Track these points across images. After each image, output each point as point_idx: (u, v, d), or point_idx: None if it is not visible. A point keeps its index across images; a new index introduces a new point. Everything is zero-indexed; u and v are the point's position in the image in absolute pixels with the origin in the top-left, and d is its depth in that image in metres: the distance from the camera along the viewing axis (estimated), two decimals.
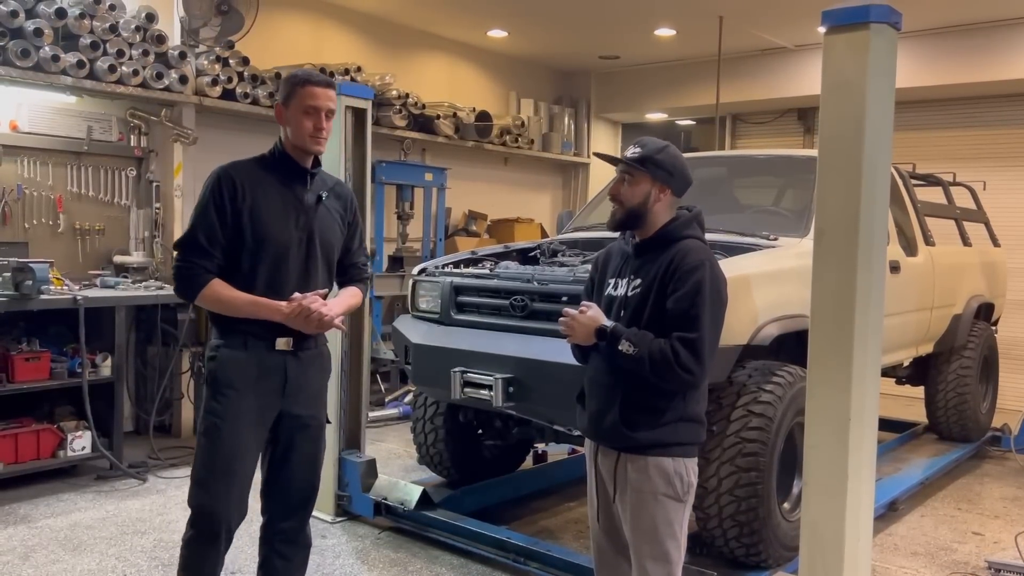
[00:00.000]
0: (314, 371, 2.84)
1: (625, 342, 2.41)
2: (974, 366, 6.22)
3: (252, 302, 2.65)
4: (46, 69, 5.34)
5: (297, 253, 2.73)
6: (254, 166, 2.78)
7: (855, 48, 2.63)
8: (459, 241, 8.38)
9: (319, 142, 2.74)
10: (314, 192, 2.80)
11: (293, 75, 2.77)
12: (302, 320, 2.65)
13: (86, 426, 5.12)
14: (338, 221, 2.88)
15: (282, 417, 2.77)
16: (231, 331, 2.71)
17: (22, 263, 4.86)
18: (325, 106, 2.71)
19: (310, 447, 2.85)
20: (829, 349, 2.71)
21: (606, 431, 2.54)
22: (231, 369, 2.69)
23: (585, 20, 8.08)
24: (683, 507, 2.52)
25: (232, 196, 2.66)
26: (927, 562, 4.30)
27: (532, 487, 5.15)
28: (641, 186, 2.53)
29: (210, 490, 2.69)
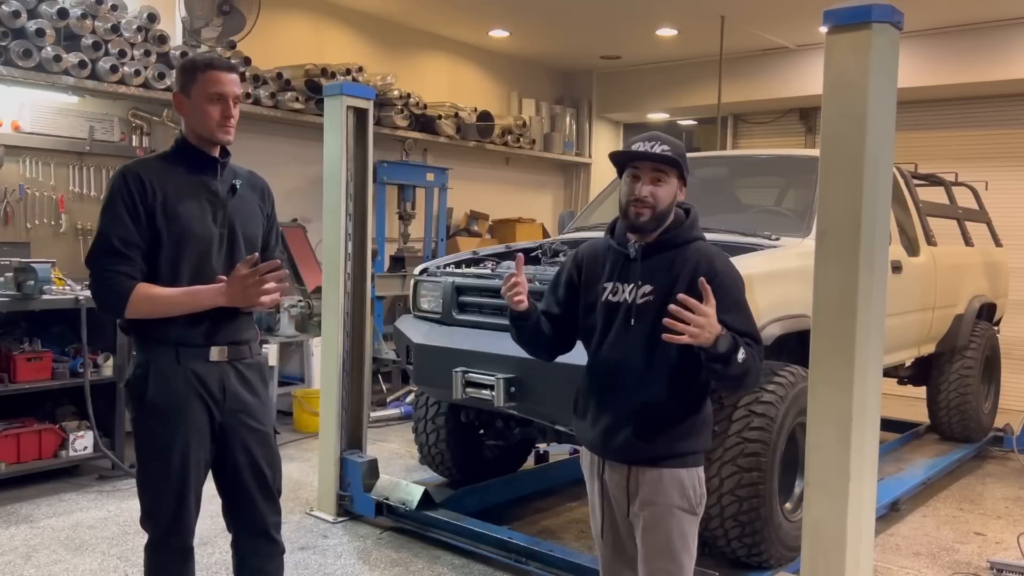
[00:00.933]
0: (253, 382, 2.62)
1: (742, 351, 2.23)
2: (976, 366, 6.21)
3: (188, 292, 2.43)
4: (48, 69, 5.34)
5: (220, 249, 2.52)
6: (158, 161, 2.57)
7: (857, 48, 2.63)
8: (461, 241, 8.38)
9: (228, 131, 2.51)
10: (225, 182, 2.58)
11: (191, 60, 2.54)
12: (241, 291, 2.43)
13: (88, 426, 5.12)
14: (258, 212, 2.67)
15: (225, 429, 2.56)
16: (159, 343, 2.47)
17: (24, 263, 4.87)
18: (232, 92, 2.49)
19: (261, 458, 2.63)
20: (831, 349, 2.71)
21: (619, 446, 2.39)
22: (165, 386, 2.46)
23: (586, 20, 8.08)
24: (696, 519, 2.43)
25: (142, 194, 2.42)
26: (929, 562, 4.30)
27: (534, 487, 5.15)
28: (672, 186, 2.38)
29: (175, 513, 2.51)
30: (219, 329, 2.53)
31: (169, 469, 2.48)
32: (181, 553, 2.60)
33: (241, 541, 2.72)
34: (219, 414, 2.55)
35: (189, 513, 2.55)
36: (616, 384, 2.41)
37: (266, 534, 2.70)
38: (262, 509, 2.67)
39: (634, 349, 2.37)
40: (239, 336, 2.58)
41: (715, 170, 5.36)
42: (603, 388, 2.45)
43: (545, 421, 4.14)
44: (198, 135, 2.53)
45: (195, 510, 2.58)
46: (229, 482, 2.64)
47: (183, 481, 2.50)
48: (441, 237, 8.17)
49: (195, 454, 2.51)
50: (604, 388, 2.44)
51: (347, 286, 4.57)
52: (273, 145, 6.96)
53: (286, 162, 7.13)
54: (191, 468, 2.51)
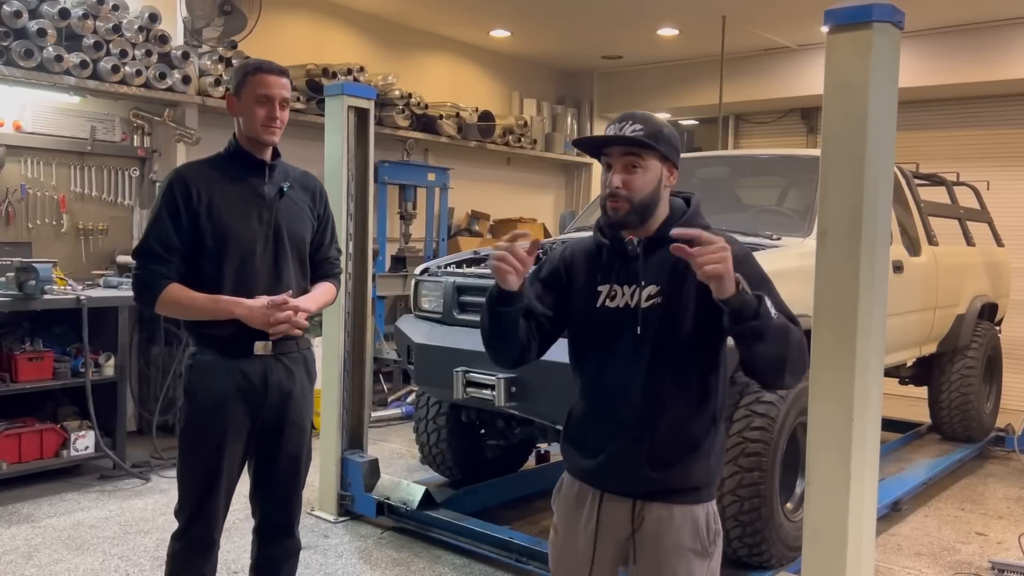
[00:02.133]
0: (297, 375, 2.71)
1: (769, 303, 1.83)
2: (978, 366, 6.21)
3: (211, 300, 2.53)
4: (49, 69, 5.35)
5: (264, 250, 2.61)
6: (207, 165, 2.67)
7: (858, 47, 2.63)
8: (462, 241, 8.38)
9: (273, 132, 2.61)
10: (274, 184, 2.67)
11: (244, 63, 2.65)
12: (260, 316, 2.52)
13: (89, 426, 5.12)
14: (307, 213, 2.75)
15: (266, 422, 2.67)
16: (206, 337, 2.60)
17: (25, 263, 4.87)
18: (279, 94, 2.59)
19: (294, 451, 2.74)
20: (832, 349, 2.70)
21: (625, 476, 2.03)
22: (210, 377, 2.59)
23: (588, 20, 8.08)
24: (707, 564, 2.05)
25: (187, 199, 2.54)
26: (930, 562, 4.29)
27: (535, 487, 5.14)
28: (652, 171, 1.99)
29: (201, 503, 2.62)
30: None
31: (201, 460, 2.60)
32: (203, 545, 2.67)
33: (263, 529, 2.82)
34: (261, 408, 2.64)
35: (216, 507, 2.63)
36: (624, 406, 2.03)
37: (288, 527, 2.81)
38: (290, 502, 2.80)
39: (643, 363, 2.00)
40: None
41: (716, 170, 5.35)
42: (606, 413, 2.07)
43: (546, 421, 4.14)
44: (247, 135, 2.64)
45: (223, 506, 2.67)
46: (262, 472, 2.74)
47: (215, 474, 2.60)
48: (442, 237, 8.17)
49: (230, 450, 2.61)
50: (608, 413, 2.06)
51: (348, 286, 4.57)
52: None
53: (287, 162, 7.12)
54: (224, 463, 2.61)
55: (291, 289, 2.66)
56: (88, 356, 5.07)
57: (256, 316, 2.53)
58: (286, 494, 2.78)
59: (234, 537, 4.08)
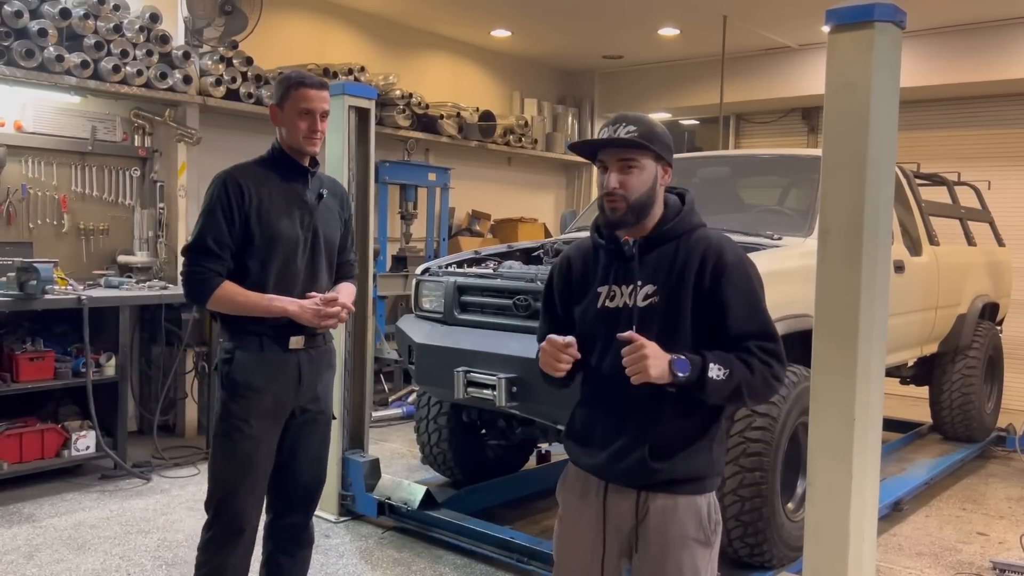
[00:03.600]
0: (324, 367, 2.89)
1: (714, 367, 1.96)
2: (979, 366, 6.21)
3: (266, 299, 2.68)
4: (50, 69, 5.35)
5: (304, 251, 2.78)
6: (256, 167, 2.81)
7: (859, 47, 2.62)
8: (463, 241, 8.37)
9: (314, 143, 2.76)
10: (314, 190, 2.84)
11: (287, 77, 2.80)
12: (312, 315, 2.70)
13: (90, 426, 5.12)
14: (338, 218, 2.93)
15: (295, 414, 2.81)
16: (243, 332, 2.73)
17: (26, 263, 4.88)
18: (320, 108, 2.74)
19: (318, 442, 2.90)
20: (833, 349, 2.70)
21: (630, 468, 2.07)
22: (248, 370, 2.71)
23: (588, 20, 8.08)
24: (710, 552, 2.11)
25: (240, 199, 2.69)
26: (932, 562, 4.29)
27: (536, 487, 5.14)
28: (647, 171, 2.06)
29: (236, 491, 2.72)
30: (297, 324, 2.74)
31: (238, 448, 2.70)
32: (236, 534, 2.74)
33: (279, 522, 2.89)
34: (295, 399, 2.79)
35: (249, 496, 2.73)
36: (625, 402, 2.07)
37: (305, 519, 2.93)
38: (309, 494, 2.90)
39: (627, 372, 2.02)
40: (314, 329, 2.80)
41: (717, 170, 5.35)
42: (609, 408, 2.12)
43: (547, 421, 4.14)
44: (288, 144, 2.78)
45: (258, 497, 2.77)
46: (283, 462, 2.83)
47: (249, 461, 2.71)
48: (443, 237, 8.17)
49: (266, 441, 2.74)
50: (611, 408, 2.12)
51: None
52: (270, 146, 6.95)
53: None
54: (260, 453, 2.73)
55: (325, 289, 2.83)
56: (89, 356, 5.07)
57: (308, 314, 2.69)
58: (309, 487, 2.89)
59: None
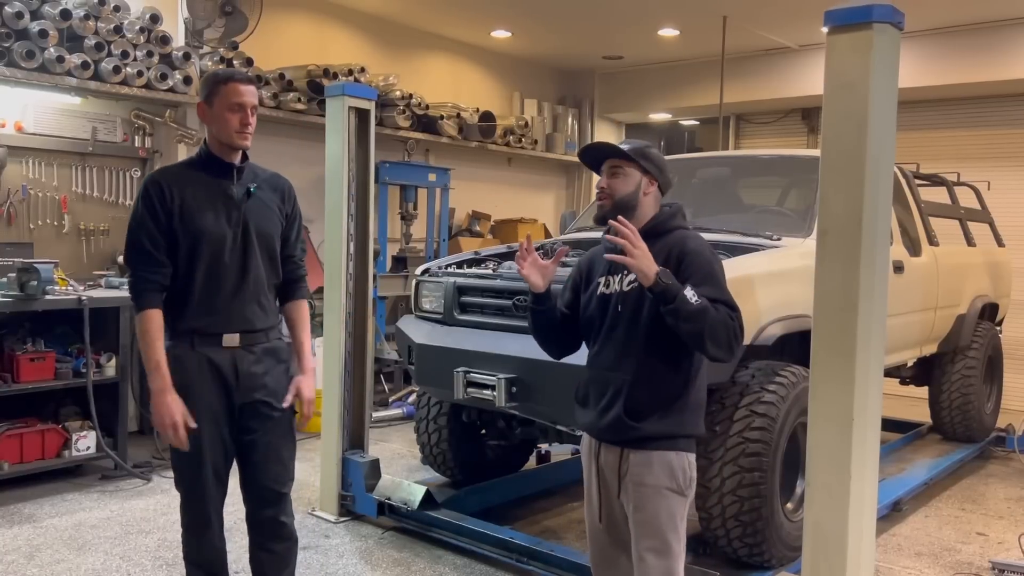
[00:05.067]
0: (269, 363, 2.84)
1: (690, 291, 2.34)
2: (978, 366, 6.21)
3: (156, 363, 2.65)
4: (51, 70, 5.35)
5: (233, 248, 2.76)
6: (180, 169, 2.86)
7: (858, 48, 2.63)
8: (463, 241, 8.38)
9: (245, 137, 2.78)
10: (242, 186, 2.82)
11: (214, 74, 2.84)
12: (159, 419, 2.66)
13: (91, 426, 5.13)
14: (276, 212, 2.90)
15: (242, 411, 2.80)
16: (177, 331, 2.75)
17: (27, 263, 4.88)
18: (250, 102, 2.76)
19: (275, 439, 2.87)
20: (832, 349, 2.71)
21: (609, 425, 2.53)
22: (182, 369, 2.71)
23: (588, 20, 8.08)
24: (685, 501, 2.53)
25: (161, 199, 2.70)
26: (931, 562, 4.30)
27: (535, 487, 5.15)
28: (631, 178, 2.57)
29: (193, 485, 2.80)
30: (232, 319, 2.78)
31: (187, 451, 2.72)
32: (202, 520, 2.83)
33: (255, 519, 2.93)
34: (236, 395, 2.78)
35: (205, 485, 2.78)
36: (607, 367, 2.56)
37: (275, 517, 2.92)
38: (269, 492, 2.89)
39: (621, 332, 2.53)
40: (252, 326, 2.81)
41: (717, 170, 5.35)
42: (598, 376, 2.60)
43: (546, 421, 4.14)
44: (219, 141, 2.79)
45: (216, 484, 2.81)
46: (244, 459, 2.87)
47: (198, 455, 2.75)
48: (443, 237, 8.17)
49: (207, 431, 2.74)
50: (599, 376, 2.60)
51: (349, 286, 4.58)
52: (275, 146, 6.96)
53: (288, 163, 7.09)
54: (204, 444, 2.74)
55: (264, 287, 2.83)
56: (90, 356, 5.07)
57: (160, 418, 2.65)
58: (279, 479, 2.90)
59: (235, 537, 4.07)
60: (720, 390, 3.74)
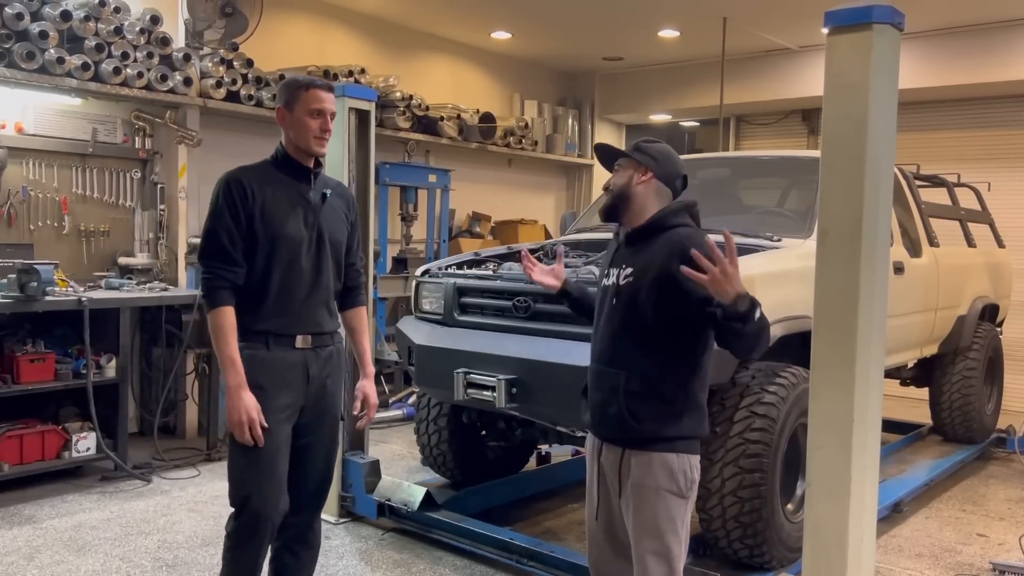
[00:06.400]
0: (332, 367, 2.91)
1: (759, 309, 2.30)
2: (979, 367, 6.21)
3: (231, 360, 2.66)
4: (51, 71, 5.35)
5: (308, 251, 2.80)
6: (260, 168, 2.85)
7: (858, 49, 2.63)
8: (463, 242, 8.38)
9: (323, 143, 2.82)
10: (318, 191, 2.87)
11: (295, 79, 2.86)
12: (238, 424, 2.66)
13: (91, 427, 5.13)
14: (344, 220, 2.96)
15: (304, 412, 2.84)
16: (251, 332, 2.76)
17: (27, 265, 4.88)
18: (329, 109, 2.81)
19: (328, 442, 2.94)
20: (832, 350, 2.70)
21: (609, 422, 2.53)
22: (256, 369, 2.73)
23: (589, 22, 8.09)
24: (686, 503, 2.52)
25: (243, 198, 2.72)
26: (931, 563, 4.29)
27: (536, 488, 5.15)
28: (626, 173, 2.61)
29: (256, 489, 2.74)
30: (303, 321, 2.81)
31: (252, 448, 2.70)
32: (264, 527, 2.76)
33: (286, 523, 2.88)
34: (303, 396, 2.82)
35: (274, 484, 2.76)
36: (604, 361, 2.57)
37: (313, 520, 2.96)
38: (315, 493, 2.94)
39: (616, 326, 2.53)
40: (321, 328, 2.86)
41: (717, 171, 5.36)
42: (597, 367, 2.62)
43: (546, 422, 4.14)
44: (296, 146, 2.82)
45: (279, 487, 2.79)
46: (294, 460, 2.86)
47: (271, 458, 2.75)
48: (443, 238, 8.18)
49: (281, 431, 2.77)
50: (597, 367, 2.61)
51: None
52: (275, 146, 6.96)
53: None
54: (278, 446, 2.76)
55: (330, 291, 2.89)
56: (90, 357, 5.07)
57: (235, 413, 2.65)
58: (317, 484, 2.93)
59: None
60: (720, 391, 3.74)
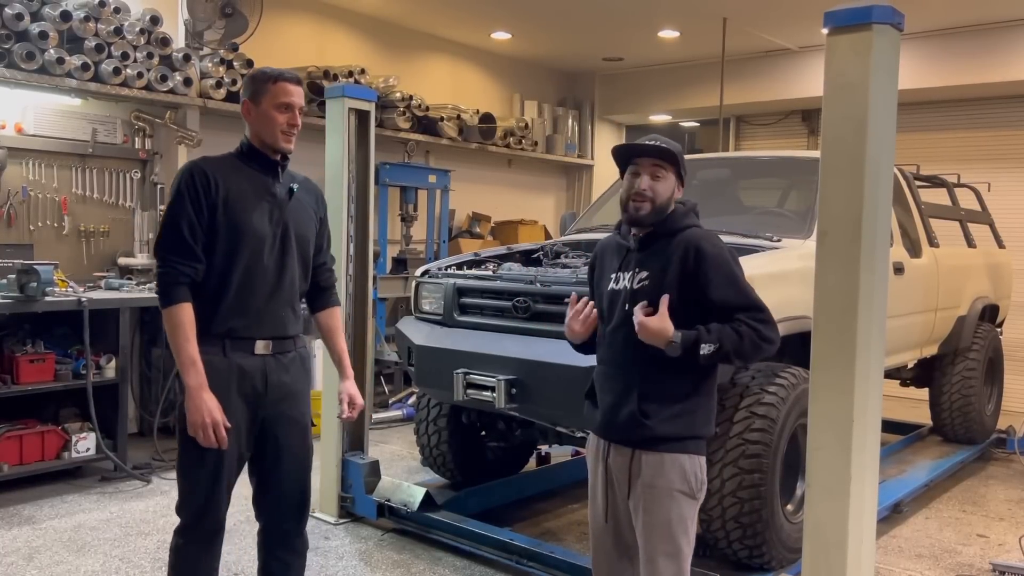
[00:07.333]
0: (295, 372, 2.76)
1: (704, 346, 2.39)
2: (979, 368, 6.20)
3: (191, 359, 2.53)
4: (51, 72, 5.36)
5: (272, 249, 2.66)
6: (225, 160, 2.72)
7: (858, 49, 2.63)
8: (463, 243, 8.38)
9: (290, 139, 2.68)
10: (284, 185, 2.73)
11: (262, 71, 2.72)
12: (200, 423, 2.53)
13: (90, 428, 5.13)
14: (312, 216, 2.82)
15: (266, 420, 2.70)
16: (209, 334, 2.61)
17: (27, 265, 4.88)
18: (298, 103, 2.68)
19: (298, 449, 2.79)
20: (832, 351, 2.70)
21: (622, 425, 2.50)
22: (211, 376, 2.58)
23: (589, 22, 8.09)
24: (695, 504, 2.52)
25: (206, 188, 2.57)
26: (931, 564, 4.29)
27: (535, 489, 5.15)
28: (670, 181, 2.53)
29: (212, 496, 2.65)
30: (265, 323, 2.67)
31: (205, 457, 2.61)
32: (211, 536, 2.72)
33: (270, 530, 2.83)
34: (262, 407, 2.68)
35: (220, 501, 2.67)
36: (617, 365, 2.55)
37: (296, 526, 2.83)
38: (296, 499, 2.81)
39: (629, 331, 2.47)
40: (285, 331, 2.72)
41: (717, 171, 5.36)
42: (608, 374, 2.59)
43: (546, 423, 4.14)
44: (262, 140, 2.69)
45: (226, 500, 2.70)
46: (267, 468, 2.76)
47: (218, 468, 2.63)
48: (443, 239, 8.18)
49: (232, 446, 2.62)
50: (608, 371, 2.59)
51: (349, 288, 4.58)
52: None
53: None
54: (225, 459, 2.63)
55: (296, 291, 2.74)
56: (89, 358, 5.07)
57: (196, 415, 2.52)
58: (295, 492, 2.81)
59: (235, 539, 4.08)
60: (720, 391, 3.73)
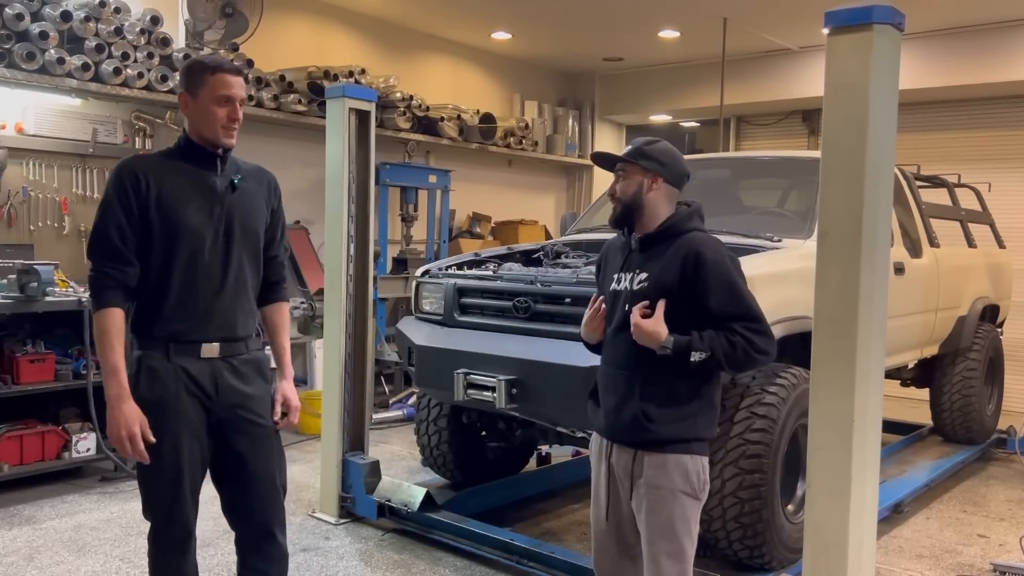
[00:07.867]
0: (249, 375, 2.61)
1: (695, 353, 2.41)
2: (979, 368, 6.20)
3: (114, 368, 2.39)
4: (51, 72, 5.35)
5: (215, 245, 2.51)
6: (158, 157, 2.59)
7: (858, 49, 2.63)
8: (463, 243, 8.38)
9: (231, 135, 2.53)
10: (226, 177, 2.57)
11: (199, 61, 2.56)
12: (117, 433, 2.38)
13: (91, 428, 5.13)
14: (261, 206, 2.66)
15: (223, 426, 2.56)
16: (151, 338, 2.49)
17: (27, 265, 4.88)
18: (239, 95, 2.52)
19: (262, 453, 2.63)
20: (833, 351, 2.71)
21: (625, 425, 2.52)
22: (156, 382, 2.47)
23: (589, 22, 8.09)
24: (698, 504, 2.53)
25: (136, 188, 2.43)
26: (932, 564, 4.29)
27: (536, 489, 5.15)
28: (634, 179, 2.56)
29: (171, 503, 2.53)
30: (211, 324, 2.53)
31: (162, 463, 2.49)
32: (180, 543, 2.60)
33: (243, 540, 2.70)
34: (215, 409, 2.55)
35: (184, 505, 2.55)
36: (620, 366, 2.56)
37: (269, 534, 2.67)
38: (265, 506, 2.65)
39: (630, 332, 2.48)
40: (234, 333, 2.58)
41: (717, 172, 5.36)
42: (610, 371, 2.60)
43: (547, 423, 4.14)
44: (201, 135, 2.54)
45: (192, 502, 2.57)
46: (230, 478, 2.63)
47: (177, 474, 2.51)
48: (443, 239, 8.18)
49: (187, 448, 2.51)
50: (610, 371, 2.60)
51: (349, 288, 4.58)
52: (275, 147, 6.97)
53: (288, 164, 7.13)
54: (184, 461, 2.51)
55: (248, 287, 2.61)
56: (90, 358, 5.06)
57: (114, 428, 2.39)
58: (269, 497, 2.65)
59: (223, 543, 4.08)
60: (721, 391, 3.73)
